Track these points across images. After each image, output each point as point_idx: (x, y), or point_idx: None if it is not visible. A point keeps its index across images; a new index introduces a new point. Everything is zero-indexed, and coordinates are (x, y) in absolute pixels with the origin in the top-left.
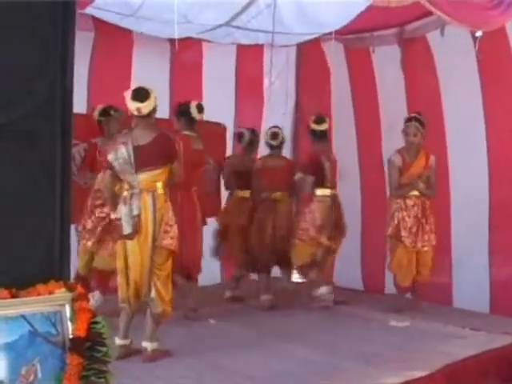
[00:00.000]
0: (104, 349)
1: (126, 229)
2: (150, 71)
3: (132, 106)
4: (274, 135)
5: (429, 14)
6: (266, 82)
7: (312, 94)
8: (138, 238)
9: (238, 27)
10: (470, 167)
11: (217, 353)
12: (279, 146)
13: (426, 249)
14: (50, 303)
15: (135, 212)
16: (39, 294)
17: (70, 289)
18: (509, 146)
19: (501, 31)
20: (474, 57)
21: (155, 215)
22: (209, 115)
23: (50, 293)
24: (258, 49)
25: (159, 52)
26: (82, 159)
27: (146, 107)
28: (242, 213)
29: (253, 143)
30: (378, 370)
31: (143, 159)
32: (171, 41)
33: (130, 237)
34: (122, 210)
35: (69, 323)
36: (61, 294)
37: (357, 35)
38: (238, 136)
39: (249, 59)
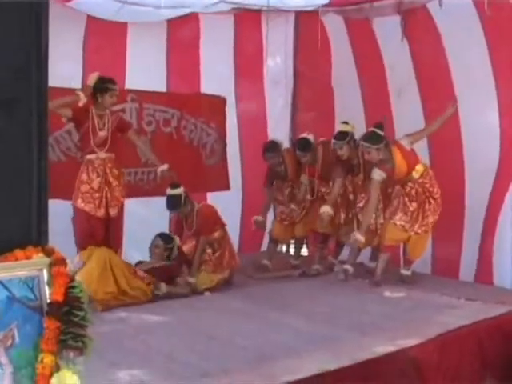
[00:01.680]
0: (81, 313)
1: None
2: (145, 47)
3: None
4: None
5: None
6: (264, 54)
7: (311, 66)
8: None
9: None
10: (482, 134)
11: (211, 324)
12: None
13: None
14: (27, 268)
15: None
16: (16, 259)
17: (48, 254)
18: None
19: None
20: (478, 20)
21: None
22: (208, 89)
23: (28, 258)
24: (256, 21)
25: (155, 29)
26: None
27: None
28: None
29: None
30: (372, 339)
31: None
32: (167, 19)
33: None
34: None
35: (46, 288)
36: (38, 258)
37: (355, 6)
38: None
39: (247, 32)
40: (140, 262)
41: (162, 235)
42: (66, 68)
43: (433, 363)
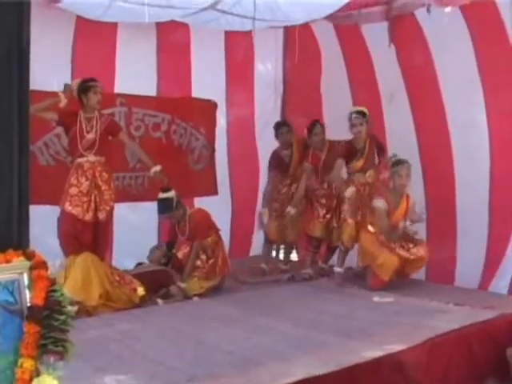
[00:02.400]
0: (62, 317)
1: None
2: (135, 53)
3: None
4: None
5: None
6: (256, 62)
7: (301, 71)
8: None
9: (222, 11)
10: (470, 138)
11: (198, 329)
12: None
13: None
14: (7, 272)
15: None
16: None
17: (29, 257)
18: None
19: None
20: (466, 27)
21: None
22: (199, 93)
23: (8, 261)
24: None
25: (145, 33)
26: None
27: None
28: None
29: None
30: (360, 344)
31: None
32: (157, 24)
33: None
34: None
35: (27, 291)
36: (18, 262)
37: (345, 13)
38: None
39: (238, 40)
40: (139, 264)
41: (168, 242)
42: (54, 71)
43: (421, 367)
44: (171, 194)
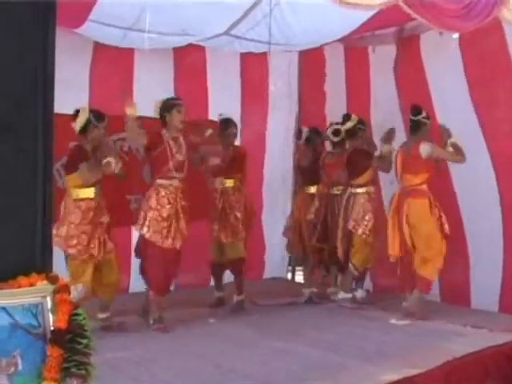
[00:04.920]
0: (85, 340)
1: None
2: (152, 76)
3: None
4: (336, 132)
5: None
6: (270, 85)
7: (312, 95)
8: None
9: (237, 37)
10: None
11: (215, 351)
12: (340, 142)
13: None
14: (31, 295)
15: None
16: (20, 286)
17: (52, 281)
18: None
19: (484, 31)
20: (460, 55)
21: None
22: (216, 115)
23: (32, 285)
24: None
25: (161, 56)
26: None
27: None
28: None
29: (311, 140)
30: (377, 368)
31: None
32: (174, 47)
33: None
34: None
35: (50, 315)
36: (42, 285)
37: (357, 35)
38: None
39: (253, 61)
40: None
41: None
42: (71, 95)
43: None
44: None
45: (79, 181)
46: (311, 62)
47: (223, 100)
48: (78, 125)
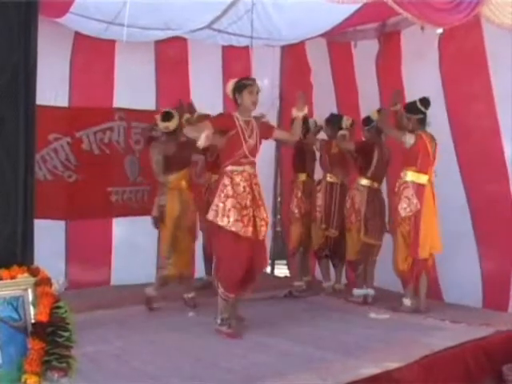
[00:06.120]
0: (66, 334)
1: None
2: (134, 67)
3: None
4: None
5: None
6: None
7: (295, 89)
8: None
9: (219, 30)
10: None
11: (196, 345)
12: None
13: None
14: (12, 288)
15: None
16: (1, 279)
17: (33, 273)
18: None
19: (463, 27)
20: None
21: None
22: (197, 107)
23: (12, 277)
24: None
25: (143, 48)
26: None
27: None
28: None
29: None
30: (357, 362)
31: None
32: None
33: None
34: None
35: (31, 308)
36: (23, 278)
37: (341, 30)
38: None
39: (235, 54)
40: None
41: None
42: (52, 85)
43: None
44: None
45: None
46: (293, 56)
47: (205, 92)
48: (171, 126)
